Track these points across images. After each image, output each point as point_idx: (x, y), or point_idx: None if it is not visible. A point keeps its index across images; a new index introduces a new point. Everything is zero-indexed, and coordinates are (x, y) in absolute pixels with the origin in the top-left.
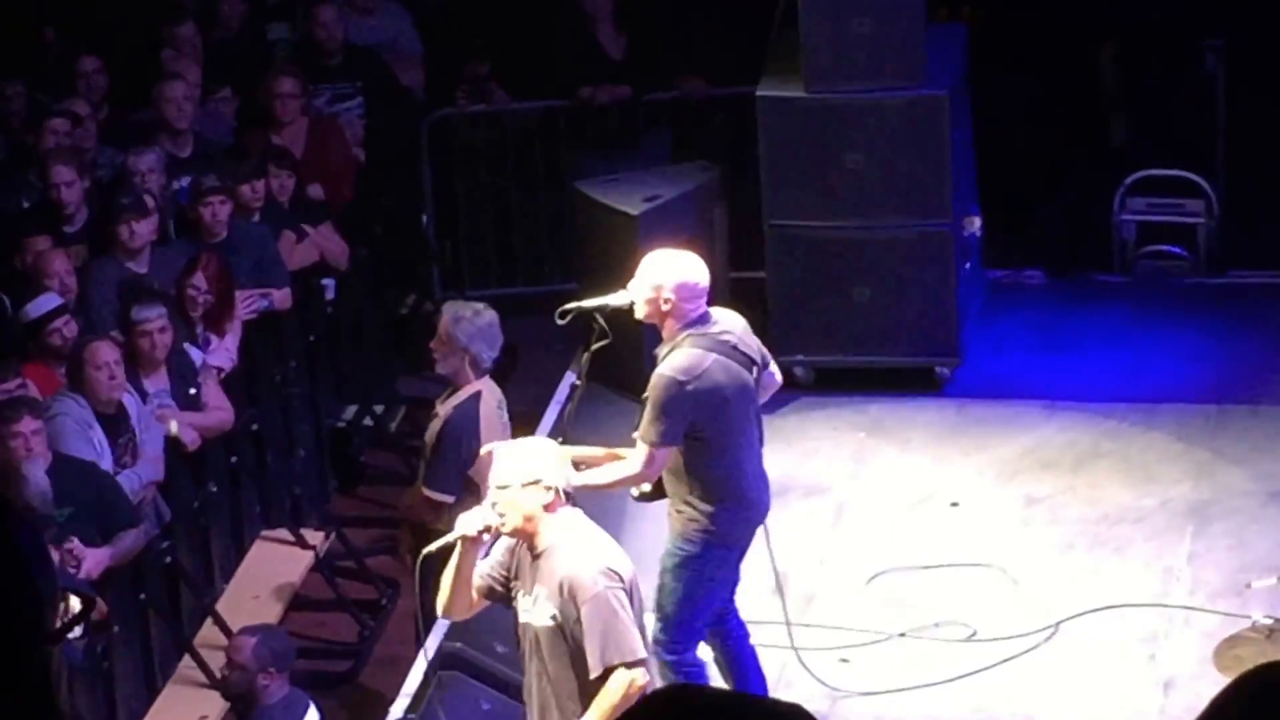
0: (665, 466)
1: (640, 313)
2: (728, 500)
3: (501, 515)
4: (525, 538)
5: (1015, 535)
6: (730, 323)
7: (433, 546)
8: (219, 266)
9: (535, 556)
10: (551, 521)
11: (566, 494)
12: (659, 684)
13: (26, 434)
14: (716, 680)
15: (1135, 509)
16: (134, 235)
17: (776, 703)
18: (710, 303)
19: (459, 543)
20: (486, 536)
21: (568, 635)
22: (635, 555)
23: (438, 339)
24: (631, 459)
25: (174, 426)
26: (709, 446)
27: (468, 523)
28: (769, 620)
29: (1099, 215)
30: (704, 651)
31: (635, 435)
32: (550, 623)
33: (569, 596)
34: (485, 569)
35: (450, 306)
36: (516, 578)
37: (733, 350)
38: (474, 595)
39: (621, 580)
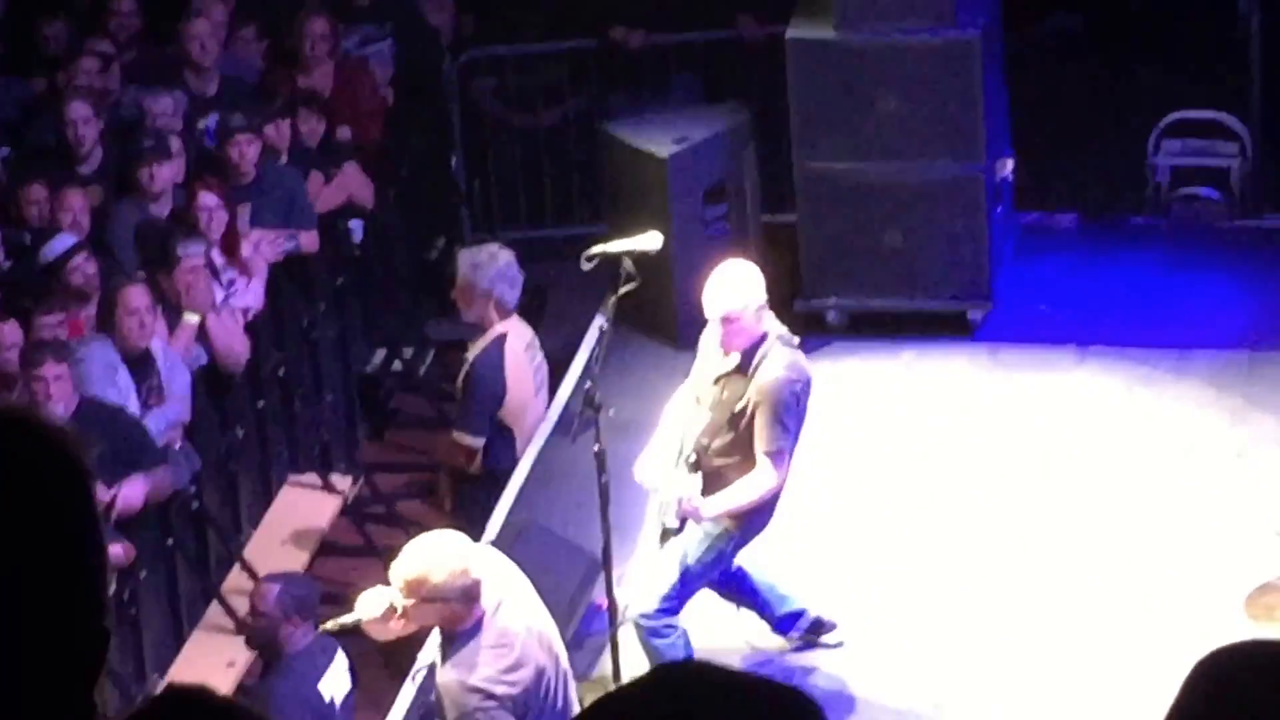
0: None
1: (745, 330)
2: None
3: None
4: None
5: (1045, 479)
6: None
7: (332, 625)
8: (221, 188)
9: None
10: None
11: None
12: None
13: (49, 379)
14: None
15: (1166, 455)
16: (154, 179)
17: (780, 687)
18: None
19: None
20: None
21: None
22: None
23: (458, 289)
24: (760, 472)
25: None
26: None
27: (370, 606)
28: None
29: (1133, 158)
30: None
31: (759, 451)
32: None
33: (441, 708)
34: None
35: (466, 254)
36: None
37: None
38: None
39: (493, 698)
